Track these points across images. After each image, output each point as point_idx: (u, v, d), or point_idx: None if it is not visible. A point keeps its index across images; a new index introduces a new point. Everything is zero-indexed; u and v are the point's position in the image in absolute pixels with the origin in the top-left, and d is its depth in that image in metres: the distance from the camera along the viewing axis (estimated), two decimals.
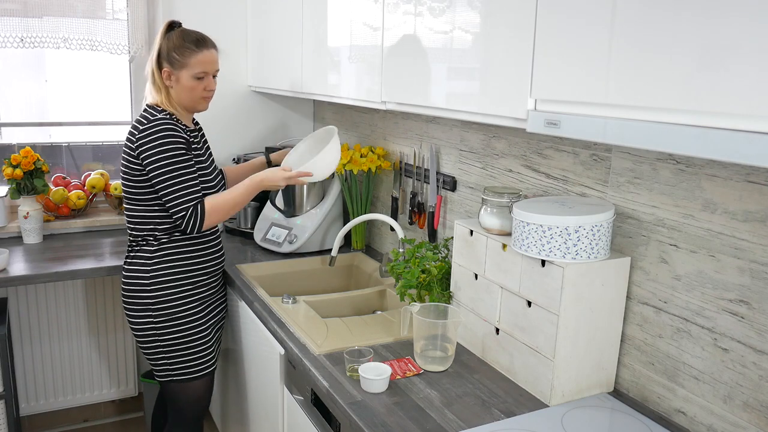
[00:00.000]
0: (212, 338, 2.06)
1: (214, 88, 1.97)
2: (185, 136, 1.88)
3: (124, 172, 1.92)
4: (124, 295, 1.98)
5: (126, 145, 1.91)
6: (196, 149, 1.96)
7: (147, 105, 1.95)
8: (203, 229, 1.87)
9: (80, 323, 2.75)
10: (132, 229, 1.97)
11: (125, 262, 2.00)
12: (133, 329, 1.99)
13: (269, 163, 2.31)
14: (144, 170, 1.86)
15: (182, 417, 2.09)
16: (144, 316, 1.95)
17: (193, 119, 2.07)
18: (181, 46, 1.89)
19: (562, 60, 1.13)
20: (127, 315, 1.99)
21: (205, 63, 1.92)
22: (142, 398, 2.80)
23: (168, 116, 1.89)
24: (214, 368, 2.07)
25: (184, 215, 1.84)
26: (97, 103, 2.89)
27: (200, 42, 1.92)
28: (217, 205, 1.88)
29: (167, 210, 1.88)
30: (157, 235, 1.94)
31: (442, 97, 1.52)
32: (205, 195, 1.91)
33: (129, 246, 2.01)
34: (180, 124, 1.93)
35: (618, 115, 1.03)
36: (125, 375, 2.89)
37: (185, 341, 1.97)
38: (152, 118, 1.86)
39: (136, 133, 1.86)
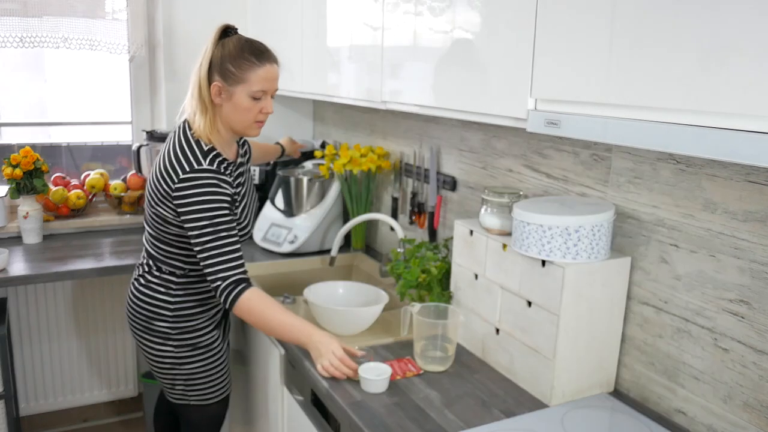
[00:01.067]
0: (227, 362, 1.95)
1: (271, 111, 1.67)
2: (229, 191, 1.63)
3: (155, 203, 1.68)
4: (138, 323, 1.81)
5: (160, 180, 1.64)
6: (236, 195, 1.72)
7: (188, 135, 1.66)
8: (229, 311, 1.63)
9: (80, 323, 2.75)
10: (153, 252, 1.79)
11: (140, 283, 1.80)
12: (148, 356, 1.85)
13: (282, 150, 2.35)
14: (178, 217, 1.64)
15: None
16: (163, 346, 1.80)
17: (239, 140, 1.84)
18: (239, 57, 1.59)
19: (562, 60, 1.13)
20: (142, 342, 1.83)
21: (266, 80, 1.63)
22: (142, 398, 2.80)
23: (212, 165, 1.62)
24: (230, 391, 1.97)
25: (220, 287, 1.57)
26: (97, 103, 2.89)
27: (262, 54, 1.63)
28: (257, 315, 1.56)
29: (204, 273, 1.64)
30: (180, 267, 1.77)
31: (442, 97, 1.52)
32: (244, 269, 1.61)
33: (147, 267, 1.81)
34: (224, 168, 1.66)
35: (618, 114, 1.03)
36: (125, 375, 2.89)
37: (206, 369, 1.85)
38: (195, 169, 1.59)
39: (173, 182, 1.60)
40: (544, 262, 1.36)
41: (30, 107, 2.86)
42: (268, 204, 2.55)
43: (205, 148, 1.64)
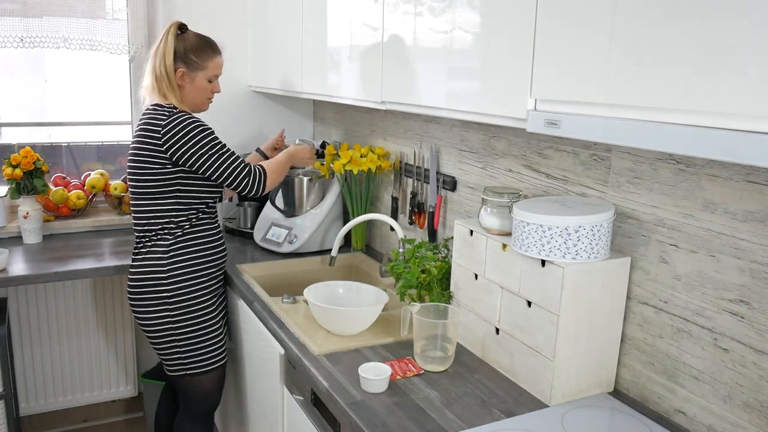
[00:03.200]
0: (223, 331, 2.09)
1: (219, 90, 2.07)
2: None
3: (137, 169, 1.93)
4: (135, 292, 1.97)
5: (142, 141, 1.91)
6: None
7: (157, 104, 1.95)
8: (266, 189, 2.00)
9: (80, 323, 2.75)
10: (143, 226, 1.97)
11: (134, 259, 1.99)
12: (144, 326, 1.99)
13: (264, 156, 2.40)
14: (171, 163, 1.89)
15: (193, 411, 2.10)
16: (160, 311, 1.95)
17: None
18: (200, 48, 1.97)
19: (562, 60, 1.13)
20: (139, 312, 1.98)
21: (219, 66, 2.03)
22: (142, 398, 2.80)
23: (185, 112, 1.94)
24: (226, 360, 2.09)
25: (249, 178, 1.95)
26: (97, 103, 2.89)
27: (215, 46, 2.02)
28: (272, 167, 2.04)
29: (227, 185, 1.96)
30: (172, 229, 1.95)
31: (442, 97, 1.52)
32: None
33: (139, 243, 2.00)
34: None
35: (618, 115, 1.03)
36: (125, 375, 2.89)
37: (200, 334, 1.99)
38: (175, 113, 1.90)
39: (160, 129, 1.87)
40: (544, 262, 1.36)
41: (30, 107, 2.86)
42: (268, 204, 2.55)
43: (176, 108, 1.94)
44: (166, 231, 1.95)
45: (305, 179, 2.43)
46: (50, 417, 2.81)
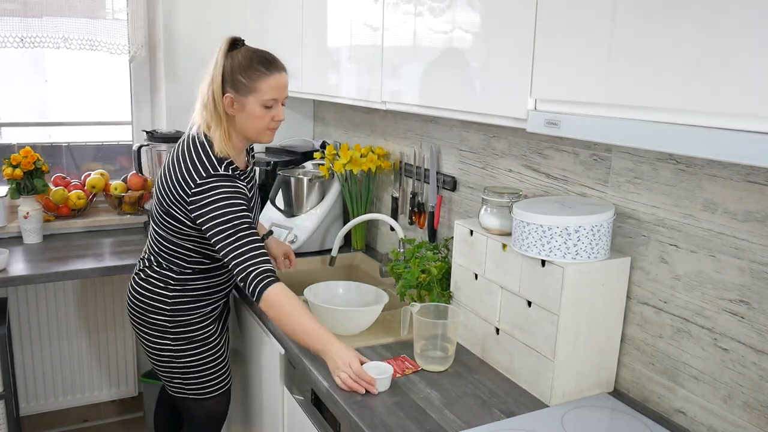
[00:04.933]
0: (226, 356, 1.98)
1: (282, 118, 1.71)
2: (246, 192, 1.68)
3: (166, 204, 1.72)
4: (137, 316, 1.86)
5: (174, 183, 1.68)
6: (250, 198, 1.76)
7: (202, 145, 1.68)
8: (257, 302, 1.57)
9: (80, 323, 2.75)
10: (156, 248, 1.83)
11: (140, 277, 1.85)
12: (147, 349, 1.89)
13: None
14: (192, 221, 1.68)
15: (198, 429, 2.02)
16: (161, 339, 1.84)
17: (248, 148, 1.87)
18: (249, 67, 1.64)
19: (562, 60, 1.13)
20: (141, 335, 1.88)
21: (276, 88, 1.67)
22: (142, 398, 2.80)
23: (227, 171, 1.66)
24: (230, 385, 1.99)
25: (250, 277, 1.56)
26: (97, 103, 2.89)
27: (271, 63, 1.67)
28: (282, 307, 1.54)
29: (229, 268, 1.65)
30: (181, 265, 1.81)
31: (442, 97, 1.52)
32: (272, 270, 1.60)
33: (147, 263, 1.86)
34: (238, 175, 1.69)
35: (618, 115, 1.03)
36: (125, 375, 2.88)
37: (203, 363, 1.88)
38: (212, 175, 1.63)
39: (190, 188, 1.64)
40: (544, 262, 1.36)
41: (30, 107, 2.86)
42: (268, 204, 2.55)
43: (220, 156, 1.67)
44: (176, 264, 1.81)
45: (305, 179, 2.43)
46: (50, 417, 2.81)
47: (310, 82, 2.25)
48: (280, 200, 2.50)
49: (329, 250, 2.18)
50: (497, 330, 1.53)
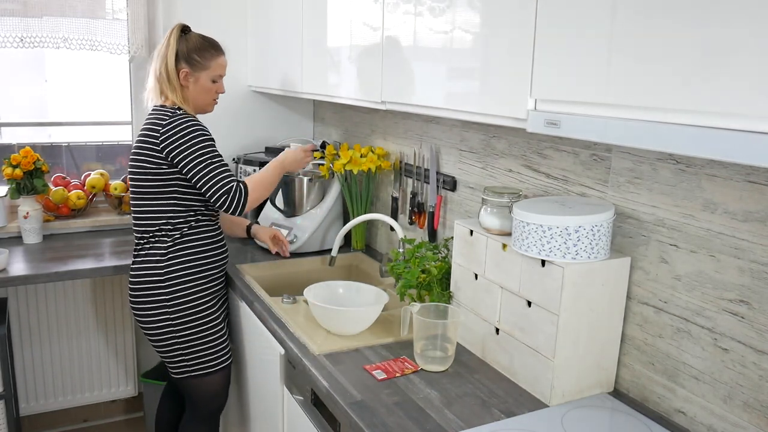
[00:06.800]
0: (226, 331, 2.09)
1: (224, 91, 2.06)
2: (208, 131, 1.94)
3: (137, 168, 1.93)
4: (134, 294, 1.98)
5: (143, 141, 1.91)
6: None
7: (161, 105, 1.96)
8: (247, 208, 1.91)
9: (80, 323, 2.75)
10: (142, 227, 1.97)
11: (134, 261, 1.99)
12: (145, 328, 1.98)
13: (248, 233, 2.39)
14: (167, 164, 1.89)
15: (199, 412, 2.10)
16: (159, 314, 1.95)
17: None
18: (203, 48, 1.97)
19: (562, 60, 1.13)
20: (139, 314, 1.98)
21: (223, 67, 2.03)
22: (142, 398, 2.80)
23: (188, 113, 1.94)
24: (231, 361, 2.09)
25: (228, 196, 1.87)
26: (97, 103, 2.89)
27: (218, 46, 2.02)
28: (257, 183, 1.95)
29: (206, 196, 1.90)
30: (169, 231, 1.95)
31: (442, 97, 1.52)
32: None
33: (138, 245, 2.00)
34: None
35: (618, 115, 1.03)
36: (125, 375, 2.89)
37: (202, 336, 1.99)
38: (177, 114, 1.90)
39: (160, 128, 1.88)
40: (543, 262, 1.36)
41: (30, 107, 2.86)
42: (268, 204, 2.56)
43: (179, 109, 1.94)
44: (163, 233, 1.95)
45: (305, 179, 2.43)
46: (50, 417, 2.81)
47: (310, 82, 2.25)
48: (280, 200, 2.51)
49: (329, 250, 2.18)
50: (497, 330, 1.53)
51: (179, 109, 1.93)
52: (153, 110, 1.96)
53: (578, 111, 1.10)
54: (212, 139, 1.92)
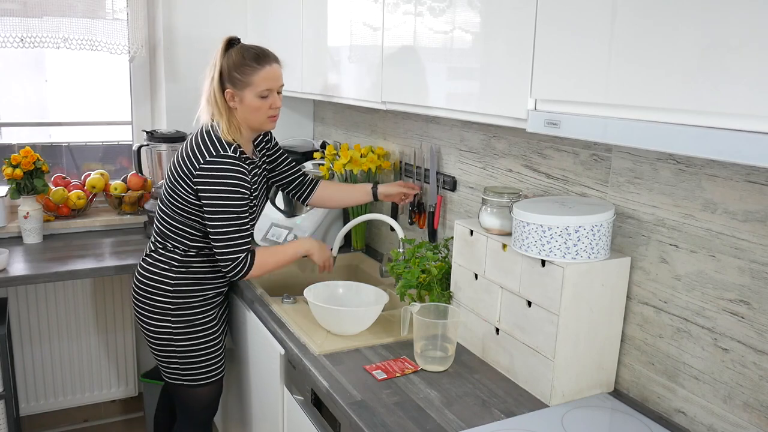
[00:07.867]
0: (223, 345, 2.05)
1: (279, 105, 1.85)
2: (248, 179, 1.80)
3: (173, 182, 1.83)
4: (140, 298, 1.92)
5: (185, 161, 1.80)
6: (253, 185, 1.88)
7: (212, 130, 1.80)
8: (245, 278, 1.81)
9: (80, 323, 2.75)
10: (162, 230, 1.91)
11: (145, 261, 1.93)
12: (146, 331, 1.95)
13: (375, 196, 2.10)
14: (196, 198, 1.80)
15: (190, 420, 2.08)
16: (162, 322, 1.91)
17: (258, 135, 1.98)
18: (242, 64, 1.76)
19: (562, 60, 1.13)
20: (142, 318, 1.94)
21: (269, 80, 1.79)
22: (142, 398, 2.80)
23: (235, 154, 1.77)
24: (223, 374, 2.05)
25: (232, 264, 1.76)
26: (97, 103, 2.89)
27: (261, 58, 1.79)
28: (265, 262, 1.81)
29: (213, 250, 1.80)
30: (186, 244, 1.89)
31: (442, 97, 1.52)
32: (252, 241, 1.82)
33: (153, 246, 1.93)
34: (244, 160, 1.82)
35: (618, 115, 1.03)
36: (125, 375, 2.89)
37: (201, 348, 1.95)
38: (220, 155, 1.75)
39: (200, 162, 1.75)
40: (544, 262, 1.36)
41: (30, 107, 2.86)
42: (268, 204, 2.55)
43: (227, 140, 1.79)
44: (181, 245, 1.89)
45: None
46: (50, 417, 2.81)
47: (310, 82, 2.25)
48: (280, 200, 2.50)
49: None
50: (497, 330, 1.53)
51: (229, 145, 1.77)
52: (206, 132, 1.80)
53: (578, 111, 1.10)
54: (245, 189, 1.77)
